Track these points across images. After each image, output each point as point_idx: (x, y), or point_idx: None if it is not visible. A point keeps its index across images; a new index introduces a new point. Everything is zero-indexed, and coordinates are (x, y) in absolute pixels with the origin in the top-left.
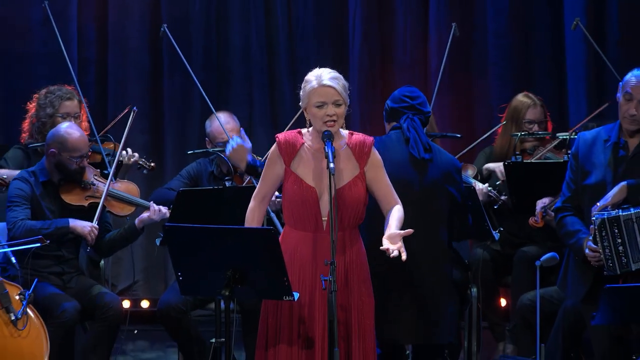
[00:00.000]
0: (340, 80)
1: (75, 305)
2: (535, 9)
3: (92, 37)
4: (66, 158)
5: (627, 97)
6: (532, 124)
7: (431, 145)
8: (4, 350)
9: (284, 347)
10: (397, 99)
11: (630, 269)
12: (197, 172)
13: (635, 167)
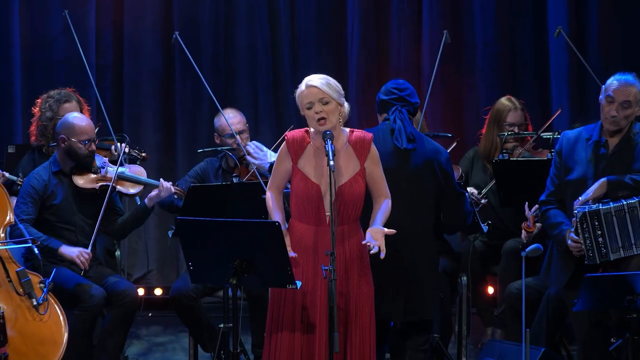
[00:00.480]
0: (327, 80)
1: (102, 292)
2: (521, 18)
3: (109, 44)
4: (75, 143)
5: (609, 100)
6: (512, 126)
7: (415, 135)
8: (27, 333)
9: (287, 332)
10: (387, 91)
11: (609, 259)
12: (204, 170)
13: (615, 164)
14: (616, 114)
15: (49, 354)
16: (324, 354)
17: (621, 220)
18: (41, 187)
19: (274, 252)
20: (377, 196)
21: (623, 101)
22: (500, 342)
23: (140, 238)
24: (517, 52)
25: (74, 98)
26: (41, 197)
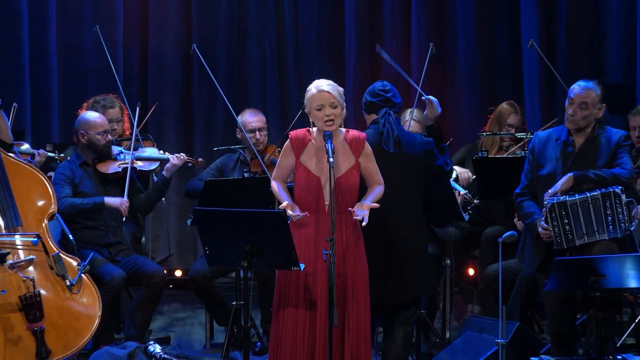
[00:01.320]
0: (335, 87)
1: (121, 274)
2: (497, 31)
3: (135, 56)
4: (93, 135)
5: (569, 101)
6: (511, 127)
7: (402, 137)
8: (63, 309)
9: (292, 308)
10: (374, 93)
11: (575, 245)
12: (223, 164)
13: (581, 162)
14: (574, 113)
15: (84, 329)
16: (324, 328)
17: (585, 210)
18: (71, 174)
19: (280, 239)
20: (371, 182)
21: (581, 102)
22: (479, 317)
23: (162, 226)
24: (495, 62)
25: (116, 104)
26: (72, 181)
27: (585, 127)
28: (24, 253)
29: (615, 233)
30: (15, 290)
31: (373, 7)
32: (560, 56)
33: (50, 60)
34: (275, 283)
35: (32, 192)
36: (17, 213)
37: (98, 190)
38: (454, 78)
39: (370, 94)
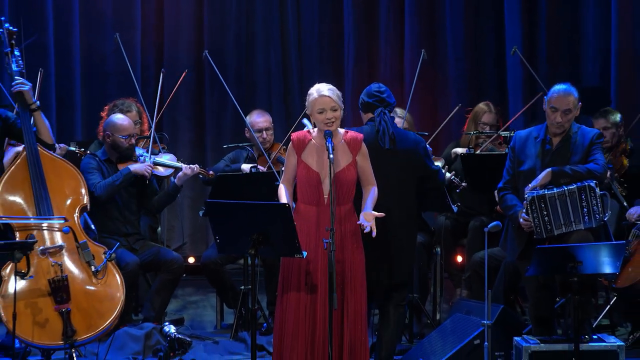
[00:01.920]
0: (335, 91)
1: (136, 260)
2: (484, 39)
3: (151, 61)
4: (118, 138)
5: (553, 110)
6: (485, 126)
7: (396, 134)
8: (88, 293)
9: (294, 292)
10: (370, 94)
11: (554, 234)
12: (235, 156)
13: (557, 158)
14: (560, 120)
15: (107, 312)
16: (324, 310)
17: (563, 202)
18: (97, 165)
19: (284, 229)
20: (365, 184)
21: (565, 109)
22: (467, 300)
23: (177, 217)
24: (481, 66)
25: (134, 107)
26: (101, 170)
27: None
28: (55, 240)
29: (591, 223)
30: (45, 274)
31: (369, 16)
32: (541, 61)
33: (74, 64)
34: (280, 269)
35: (66, 186)
36: (50, 204)
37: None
38: (444, 82)
39: (367, 94)
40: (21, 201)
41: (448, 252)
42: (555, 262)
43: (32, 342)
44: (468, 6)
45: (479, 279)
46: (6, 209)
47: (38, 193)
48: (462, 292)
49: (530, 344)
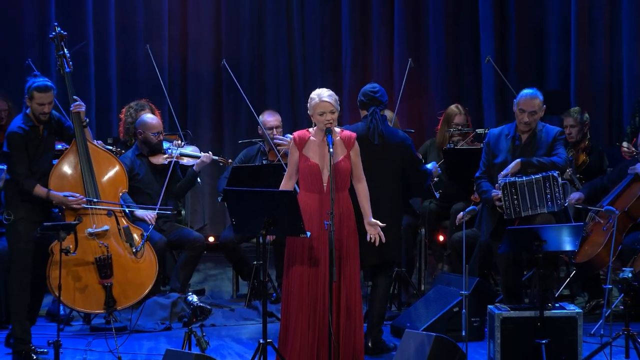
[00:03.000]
0: (333, 96)
1: (164, 239)
2: (462, 49)
3: (177, 68)
4: (148, 135)
5: (520, 111)
6: (457, 125)
7: (385, 132)
8: (128, 269)
9: (299, 266)
10: (365, 93)
11: (521, 216)
12: (247, 155)
13: (525, 152)
14: (528, 119)
15: (142, 285)
16: (325, 281)
17: (530, 189)
18: (130, 164)
19: (290, 212)
20: (356, 180)
21: (531, 111)
22: (448, 274)
23: (199, 202)
24: (460, 73)
25: (147, 107)
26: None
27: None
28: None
29: (553, 208)
30: (92, 252)
31: (363, 30)
32: (511, 69)
33: (110, 71)
34: (286, 247)
35: (110, 174)
36: (97, 190)
37: (149, 177)
38: (427, 87)
39: (362, 94)
40: (71, 185)
41: (431, 233)
42: (523, 241)
43: (76, 308)
44: (448, 21)
45: (458, 256)
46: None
47: (88, 180)
48: (444, 266)
49: (501, 311)
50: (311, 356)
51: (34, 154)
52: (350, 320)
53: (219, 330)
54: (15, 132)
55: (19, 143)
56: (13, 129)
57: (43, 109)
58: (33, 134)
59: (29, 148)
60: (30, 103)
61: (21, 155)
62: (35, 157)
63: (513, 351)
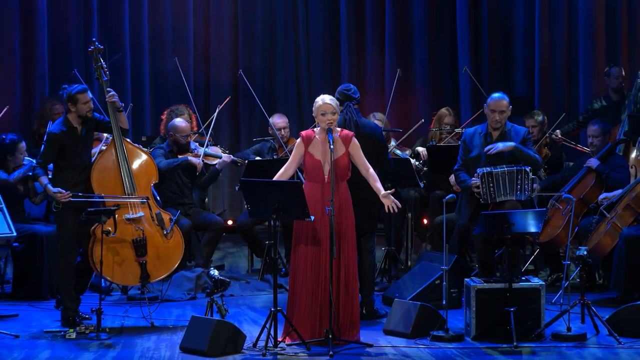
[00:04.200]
0: (334, 100)
1: (189, 223)
2: (442, 60)
3: (201, 77)
4: (178, 137)
5: (491, 111)
6: (447, 125)
7: (359, 122)
8: (159, 249)
9: (303, 245)
10: (339, 92)
11: (496, 201)
12: (260, 148)
13: None
14: (497, 118)
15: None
16: (326, 258)
17: (504, 179)
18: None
19: (297, 199)
20: (363, 168)
21: (500, 111)
22: (430, 252)
23: (219, 190)
24: (441, 81)
25: (185, 111)
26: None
27: (500, 127)
28: (137, 210)
29: (521, 197)
30: (130, 235)
31: (359, 44)
32: (484, 77)
33: (144, 79)
34: (293, 229)
35: (143, 167)
36: (133, 182)
37: (177, 172)
38: (413, 93)
39: (338, 92)
40: (111, 178)
41: (417, 217)
42: (495, 224)
43: (115, 281)
44: (430, 37)
45: (439, 236)
46: (100, 184)
47: (125, 174)
48: (427, 246)
49: (476, 283)
50: (314, 322)
51: (73, 150)
52: (348, 291)
53: (237, 300)
54: (53, 132)
55: (52, 141)
56: (52, 129)
57: (89, 106)
58: (71, 134)
59: (66, 146)
60: (75, 106)
61: (49, 150)
62: (76, 153)
63: (486, 317)
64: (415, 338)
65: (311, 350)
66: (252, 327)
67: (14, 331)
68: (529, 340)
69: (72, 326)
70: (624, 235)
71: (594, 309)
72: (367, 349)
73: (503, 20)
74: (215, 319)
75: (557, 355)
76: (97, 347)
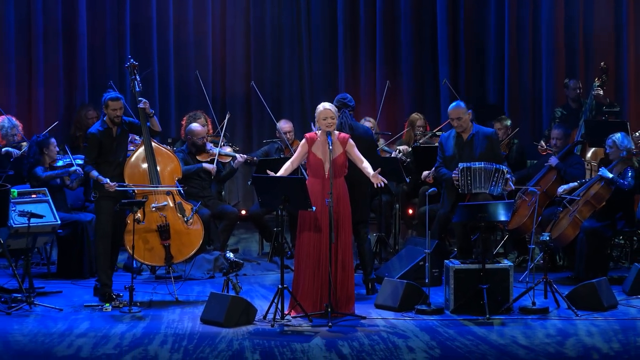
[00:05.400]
0: (333, 107)
1: (209, 212)
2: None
3: (218, 88)
4: (195, 139)
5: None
6: (419, 127)
7: (353, 126)
8: (181, 234)
9: (306, 232)
10: (337, 100)
11: (472, 192)
12: (268, 150)
13: (466, 148)
14: (455, 124)
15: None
16: (326, 242)
17: (481, 174)
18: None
19: (300, 193)
20: (359, 161)
21: (456, 118)
22: (415, 237)
23: (234, 185)
24: (424, 93)
25: (201, 116)
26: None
27: (466, 128)
28: (161, 200)
29: (493, 191)
30: (155, 222)
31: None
32: (461, 87)
33: (169, 89)
34: (298, 218)
35: (168, 165)
36: (159, 177)
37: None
38: (400, 102)
39: (336, 100)
40: (140, 173)
41: (403, 207)
42: (471, 214)
43: (145, 262)
44: (415, 53)
45: (423, 224)
46: (131, 178)
47: (152, 169)
48: (412, 232)
49: (454, 264)
50: (316, 297)
51: (109, 148)
52: (344, 270)
53: (249, 279)
54: (92, 133)
55: (92, 140)
56: (91, 130)
57: (116, 113)
58: (107, 134)
59: (103, 144)
60: (106, 110)
61: (91, 149)
62: (111, 151)
63: (462, 294)
64: (402, 311)
65: (313, 321)
66: (263, 302)
67: (58, 305)
68: (500, 313)
69: (108, 301)
70: (585, 227)
71: (555, 286)
72: (361, 321)
73: (477, 36)
74: (230, 295)
75: (524, 326)
76: (129, 319)
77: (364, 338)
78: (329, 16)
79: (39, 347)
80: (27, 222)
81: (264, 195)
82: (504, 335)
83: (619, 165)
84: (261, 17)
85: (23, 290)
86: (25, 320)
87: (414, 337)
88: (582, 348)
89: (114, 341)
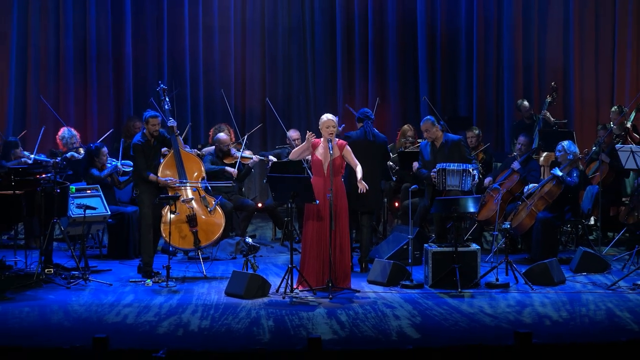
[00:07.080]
0: (335, 118)
1: (231, 205)
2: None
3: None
4: (221, 146)
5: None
6: (410, 137)
7: (375, 134)
8: (207, 222)
9: (311, 221)
10: (361, 113)
11: (446, 189)
12: (278, 154)
13: (440, 153)
14: (425, 136)
15: (215, 231)
16: (327, 230)
17: (454, 174)
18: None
19: (306, 188)
20: (353, 164)
21: (425, 130)
22: (400, 225)
23: (253, 182)
24: (406, 108)
25: (224, 128)
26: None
27: (437, 138)
28: (189, 195)
29: (463, 188)
30: (185, 212)
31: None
32: (438, 103)
33: (199, 106)
34: (304, 209)
35: (193, 166)
36: (185, 176)
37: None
38: (388, 116)
39: (360, 113)
40: (171, 174)
41: (390, 201)
42: (446, 206)
43: (179, 246)
44: (400, 74)
45: (406, 215)
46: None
47: (180, 170)
48: (398, 221)
49: (432, 248)
50: (318, 274)
51: (149, 156)
52: (342, 252)
53: (264, 259)
54: (136, 143)
55: (138, 149)
56: (135, 141)
57: (155, 128)
58: (147, 144)
59: (145, 153)
60: (147, 126)
61: (140, 157)
62: (150, 158)
63: (439, 272)
64: (390, 286)
65: (317, 294)
66: (275, 279)
67: (108, 281)
68: (469, 287)
69: (149, 277)
70: (539, 218)
71: (515, 265)
72: (356, 294)
73: (451, 61)
74: (249, 272)
75: (489, 298)
76: (166, 292)
77: (359, 308)
78: (330, 46)
79: (92, 315)
80: (83, 213)
81: (276, 191)
82: (473, 306)
83: (567, 167)
84: (274, 47)
85: (80, 268)
86: (82, 293)
87: (399, 307)
88: (536, 316)
89: (154, 310)
